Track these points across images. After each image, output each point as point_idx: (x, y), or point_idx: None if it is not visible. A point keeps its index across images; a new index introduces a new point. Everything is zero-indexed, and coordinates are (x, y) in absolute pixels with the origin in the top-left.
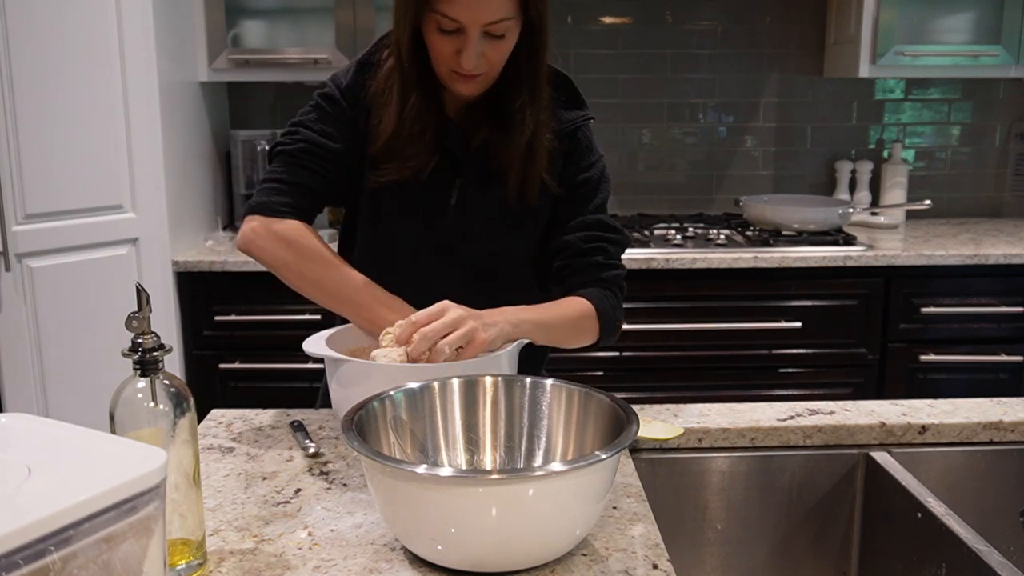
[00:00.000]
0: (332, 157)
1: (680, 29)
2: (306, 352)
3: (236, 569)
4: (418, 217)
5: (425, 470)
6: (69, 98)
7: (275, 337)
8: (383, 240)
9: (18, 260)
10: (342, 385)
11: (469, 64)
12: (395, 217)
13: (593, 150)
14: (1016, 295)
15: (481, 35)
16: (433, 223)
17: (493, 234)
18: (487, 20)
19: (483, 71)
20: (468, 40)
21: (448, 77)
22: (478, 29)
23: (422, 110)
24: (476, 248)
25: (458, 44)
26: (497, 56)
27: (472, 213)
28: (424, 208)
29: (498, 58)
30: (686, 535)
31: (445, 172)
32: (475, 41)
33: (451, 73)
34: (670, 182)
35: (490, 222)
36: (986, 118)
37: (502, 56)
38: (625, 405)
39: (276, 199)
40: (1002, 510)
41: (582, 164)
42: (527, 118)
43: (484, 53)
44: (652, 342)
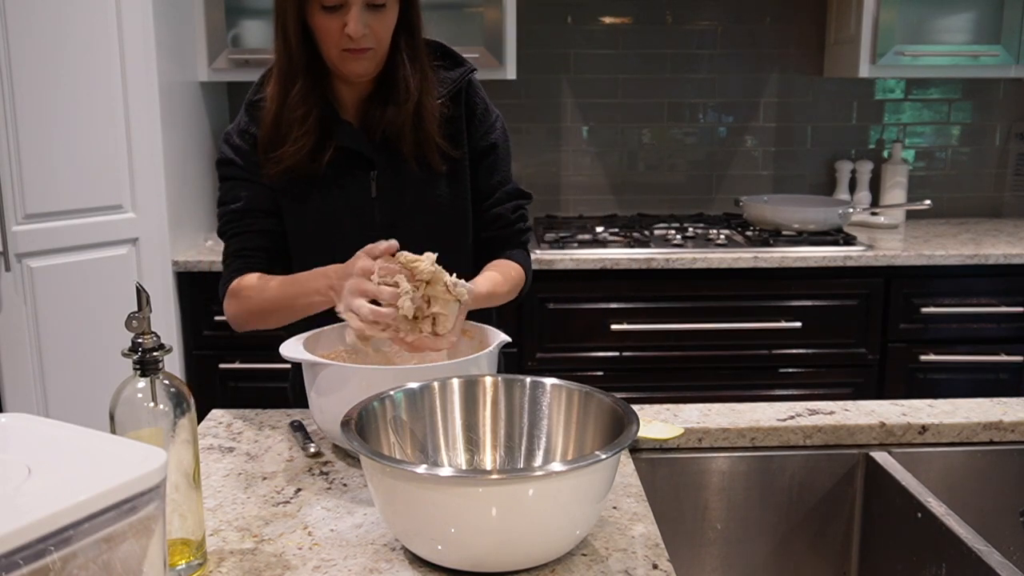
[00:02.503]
0: (249, 213)
1: (680, 29)
2: (283, 356)
3: (236, 569)
4: (345, 219)
5: (425, 470)
6: (69, 98)
7: (275, 337)
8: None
9: (18, 260)
10: (320, 392)
11: (356, 31)
12: (324, 227)
13: (489, 110)
14: (1016, 295)
15: (363, 7)
16: (361, 221)
17: (420, 214)
18: None
19: (371, 44)
20: (351, 10)
21: (339, 59)
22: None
23: (306, 94)
24: (408, 232)
25: (342, 19)
26: (381, 28)
27: (394, 200)
28: (349, 209)
29: (383, 30)
30: (686, 535)
31: (359, 169)
32: (358, 11)
33: (341, 53)
34: (670, 182)
35: (414, 203)
36: (986, 118)
37: (386, 28)
38: (625, 405)
39: (226, 276)
40: (1002, 510)
41: (485, 126)
42: (411, 84)
43: (369, 25)
44: (652, 342)
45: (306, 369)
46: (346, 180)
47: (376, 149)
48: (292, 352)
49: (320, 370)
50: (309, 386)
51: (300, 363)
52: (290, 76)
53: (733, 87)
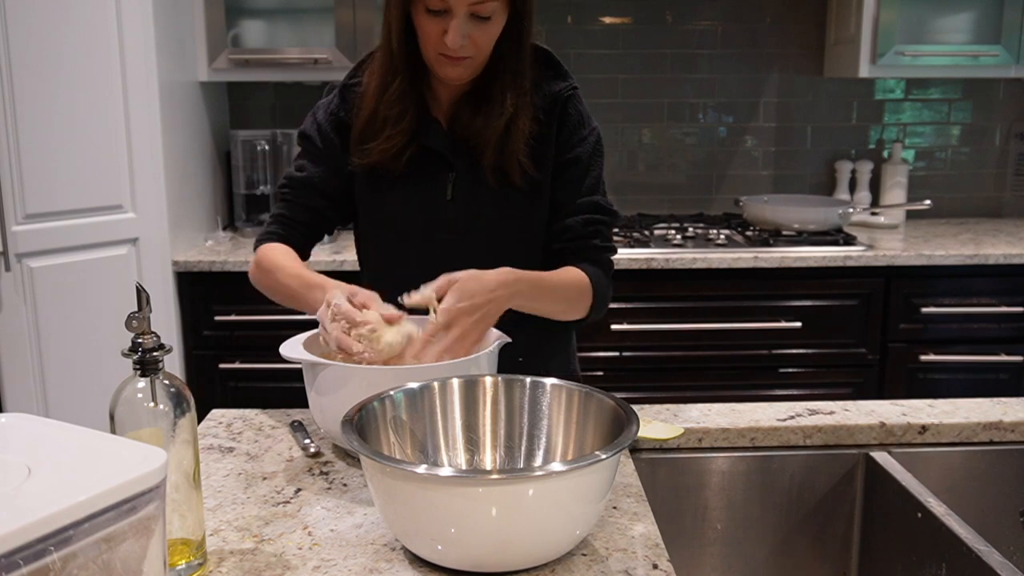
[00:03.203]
0: (308, 187)
1: (680, 29)
2: (283, 356)
3: (236, 569)
4: (418, 218)
5: (425, 470)
6: (69, 98)
7: (275, 337)
8: (389, 247)
9: (18, 260)
10: (320, 392)
11: (453, 43)
12: (396, 222)
13: (584, 123)
14: (1016, 295)
15: (467, 16)
16: (433, 221)
17: (492, 223)
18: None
19: (469, 54)
20: (454, 20)
21: (436, 61)
22: (464, 9)
23: (403, 93)
24: (479, 239)
25: (445, 25)
26: (483, 39)
27: (469, 205)
28: (422, 208)
29: (484, 41)
30: (686, 535)
31: (438, 169)
32: (461, 21)
33: (438, 56)
34: (670, 182)
35: (488, 211)
36: (986, 118)
37: (488, 39)
38: (625, 405)
39: (269, 230)
40: (1002, 510)
41: (574, 139)
42: (507, 100)
43: (470, 35)
44: (652, 342)
45: (306, 369)
46: (424, 178)
47: (458, 152)
48: (291, 352)
49: (320, 370)
50: (309, 386)
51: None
52: (391, 72)
53: (733, 87)
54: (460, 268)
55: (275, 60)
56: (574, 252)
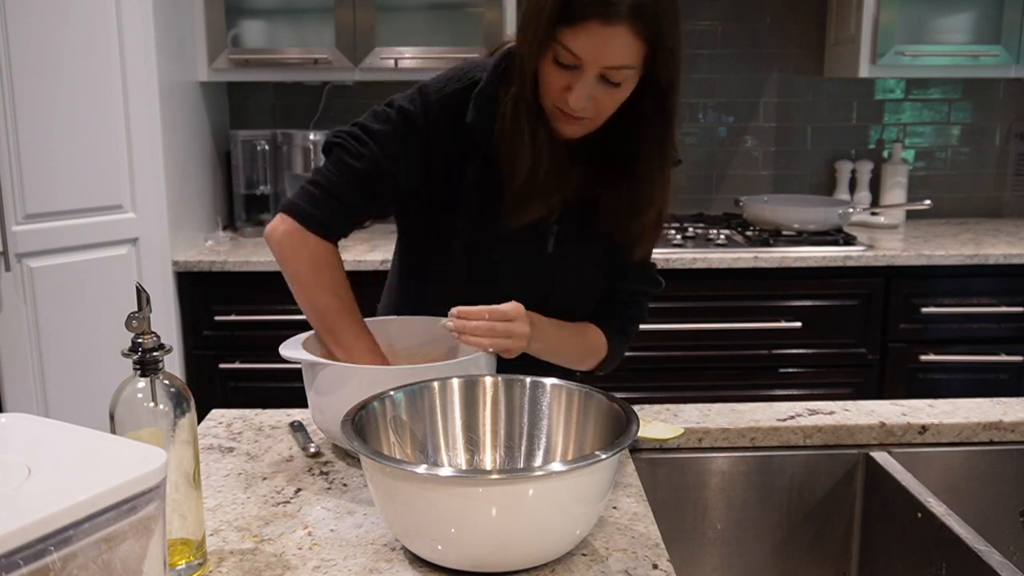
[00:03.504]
0: (390, 184)
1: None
2: (283, 356)
3: (236, 569)
4: (513, 264)
5: (425, 470)
6: (69, 98)
7: (275, 337)
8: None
9: (18, 260)
10: (319, 392)
11: (576, 104)
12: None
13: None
14: (1016, 295)
15: (597, 77)
16: (527, 271)
17: (584, 283)
18: (608, 63)
19: (589, 116)
20: (582, 78)
21: (552, 112)
22: (596, 69)
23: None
24: (566, 296)
25: (571, 80)
26: (608, 103)
27: (567, 263)
28: (520, 254)
29: (608, 105)
30: (686, 535)
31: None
32: (589, 81)
33: (555, 110)
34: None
35: (584, 272)
36: (986, 118)
37: (612, 105)
38: (625, 405)
39: (319, 213)
40: (1002, 510)
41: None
42: (655, 191)
43: (595, 97)
44: (652, 342)
45: (305, 369)
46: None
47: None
48: (291, 352)
49: (319, 370)
50: (308, 386)
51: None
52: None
53: (733, 87)
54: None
55: (275, 60)
56: (609, 313)
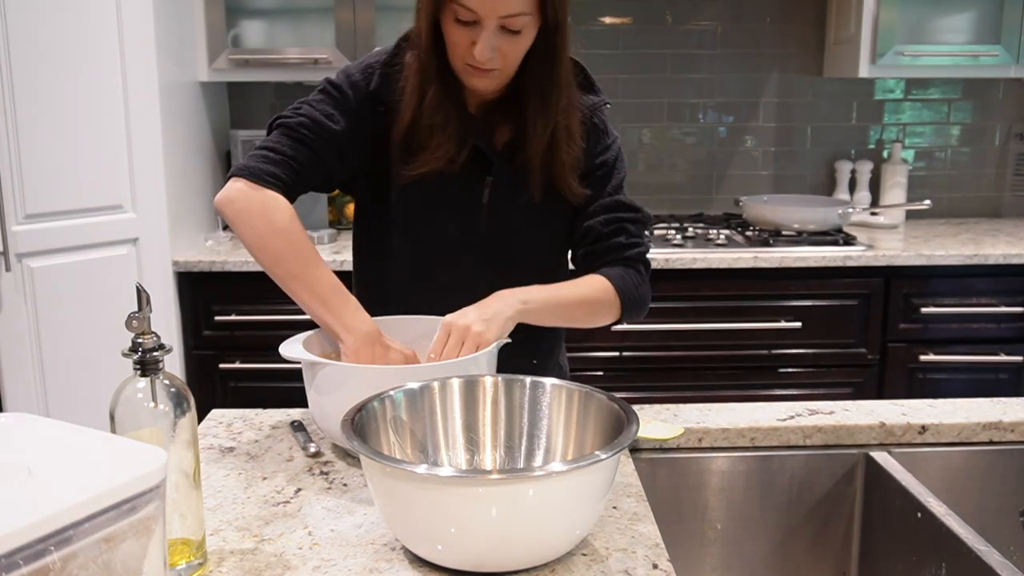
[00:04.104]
0: (329, 137)
1: (680, 29)
2: (283, 356)
3: (236, 569)
4: (451, 217)
5: (425, 470)
6: (69, 98)
7: (275, 337)
8: (416, 244)
9: (18, 260)
10: (319, 392)
11: (482, 56)
12: (428, 220)
13: (608, 132)
14: (1016, 295)
15: (497, 28)
16: (466, 223)
17: (525, 231)
18: (503, 12)
19: (497, 66)
20: (483, 32)
21: (463, 71)
22: (494, 21)
23: (442, 100)
24: (509, 245)
25: (473, 36)
26: (512, 52)
27: (504, 211)
28: (456, 208)
29: (513, 54)
30: (686, 535)
31: (475, 170)
32: (490, 33)
33: (465, 67)
34: (670, 182)
35: (522, 219)
36: (986, 118)
37: (517, 52)
38: (625, 405)
39: (266, 167)
40: (1002, 510)
41: (598, 148)
42: (538, 126)
43: (499, 48)
44: (652, 342)
45: (305, 369)
46: (460, 179)
47: (497, 156)
48: (291, 352)
49: (320, 369)
50: (309, 385)
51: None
52: (425, 80)
53: (733, 87)
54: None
55: (275, 60)
56: (599, 254)
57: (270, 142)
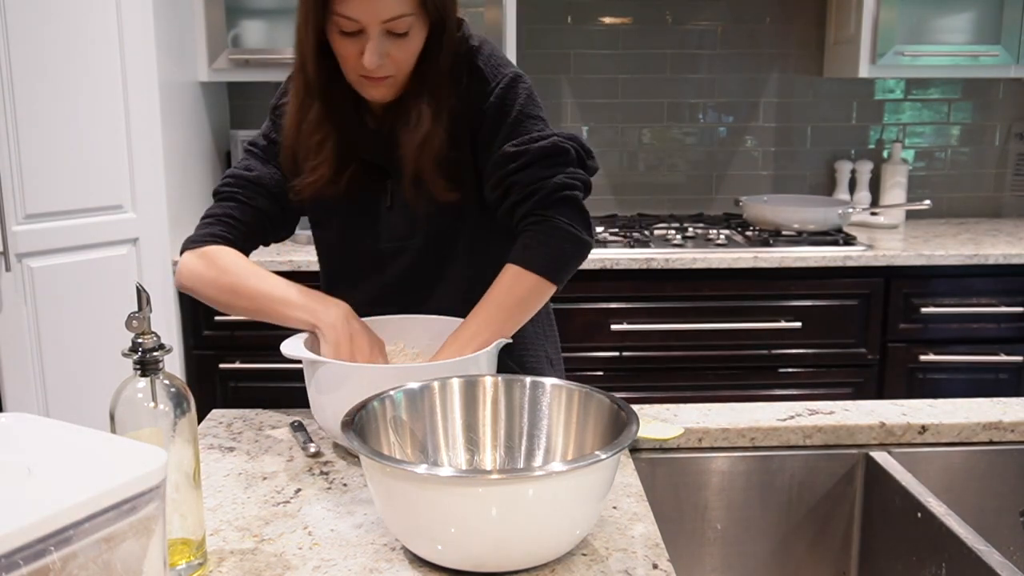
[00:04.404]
0: (252, 183)
1: (680, 29)
2: (284, 354)
3: (236, 569)
4: (361, 228)
5: (425, 470)
6: (69, 98)
7: (275, 337)
8: (341, 258)
9: (18, 260)
10: (320, 390)
11: (370, 64)
12: (341, 235)
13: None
14: (1016, 295)
15: (383, 34)
16: (377, 229)
17: (435, 223)
18: (385, 17)
19: (390, 73)
20: (369, 40)
21: (357, 83)
22: (378, 27)
23: (322, 120)
24: (426, 240)
25: (361, 46)
26: (402, 55)
27: (407, 210)
28: (363, 218)
29: (404, 58)
30: (686, 535)
31: (375, 179)
32: (376, 40)
33: (359, 79)
34: (670, 182)
35: (428, 215)
36: (986, 118)
37: (408, 56)
38: (625, 405)
39: (205, 232)
40: (1002, 510)
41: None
42: (422, 116)
43: (388, 53)
44: (652, 342)
45: (306, 367)
46: (364, 190)
47: (394, 161)
48: (293, 351)
49: (320, 368)
50: (309, 384)
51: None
52: (307, 99)
53: (733, 87)
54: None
55: (275, 60)
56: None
57: (207, 211)
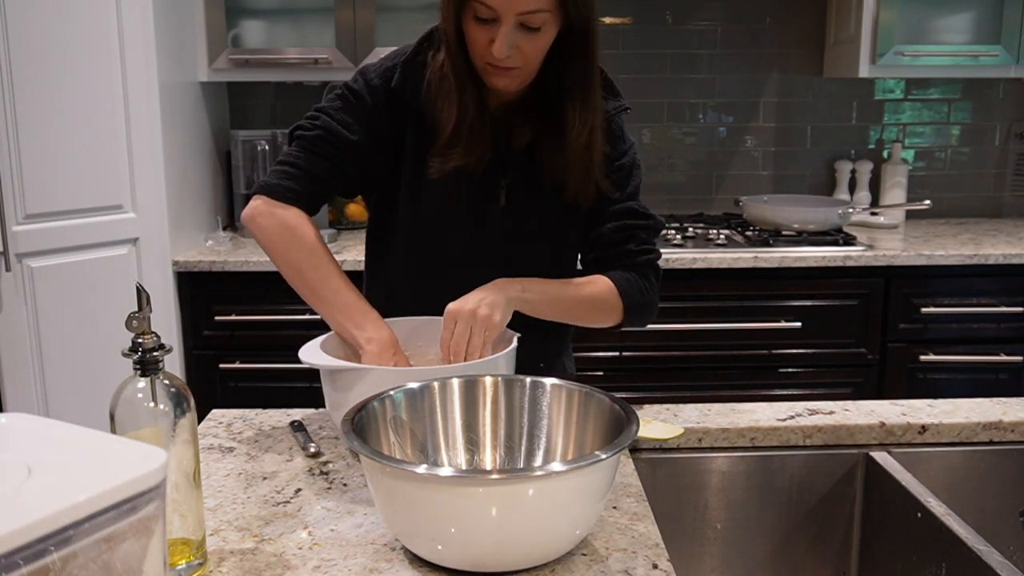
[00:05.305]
0: (347, 147)
1: (680, 29)
2: (302, 361)
3: (236, 569)
4: (466, 219)
5: (425, 470)
6: (69, 98)
7: (275, 337)
8: (427, 243)
9: (18, 260)
10: (337, 391)
11: (500, 53)
12: (441, 219)
13: (624, 139)
14: (1016, 295)
15: (516, 26)
16: (483, 225)
17: (541, 237)
18: (521, 9)
19: (517, 64)
20: (503, 29)
21: (483, 70)
22: (512, 18)
23: (478, 99)
24: (522, 250)
25: (492, 34)
26: (532, 50)
27: (521, 216)
28: (472, 210)
29: (533, 52)
30: (686, 535)
31: (491, 173)
32: (508, 30)
33: (486, 65)
34: (670, 182)
35: (539, 225)
36: (986, 118)
37: (537, 50)
38: (625, 405)
39: (285, 183)
40: (1002, 510)
41: (615, 153)
42: (579, 124)
43: (518, 45)
44: (652, 342)
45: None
46: (475, 180)
47: (513, 159)
48: (311, 358)
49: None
50: (326, 384)
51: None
52: (459, 82)
53: (733, 87)
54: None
55: (275, 60)
56: (608, 260)
57: (290, 156)
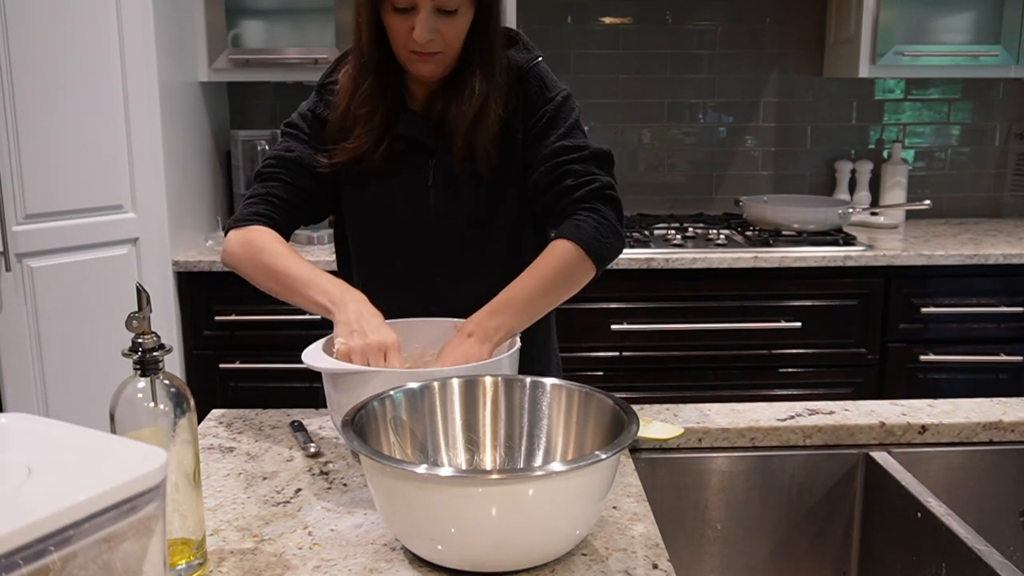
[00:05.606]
0: (294, 163)
1: (680, 29)
2: (306, 364)
3: (236, 569)
4: (401, 207)
5: (425, 470)
6: (69, 98)
7: (275, 337)
8: (373, 236)
9: (18, 260)
10: (339, 392)
11: (420, 38)
12: (380, 214)
13: (547, 86)
14: (1016, 295)
15: (432, 11)
16: (417, 205)
17: (475, 204)
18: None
19: (438, 49)
20: (420, 15)
21: (407, 59)
22: (429, 4)
23: (373, 93)
24: (463, 219)
25: (412, 22)
26: (451, 33)
27: (450, 188)
28: (405, 196)
29: (452, 35)
30: (686, 535)
31: (419, 158)
32: (427, 16)
33: (409, 55)
34: (670, 182)
35: (469, 194)
36: (986, 118)
37: (456, 33)
38: (625, 405)
39: (248, 211)
40: (1002, 510)
41: (538, 104)
42: (476, 86)
43: (438, 30)
44: (652, 342)
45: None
46: (405, 167)
47: (436, 140)
48: (314, 360)
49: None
50: (328, 385)
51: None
52: (362, 73)
53: (733, 87)
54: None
55: (275, 60)
56: (552, 206)
57: (251, 192)
